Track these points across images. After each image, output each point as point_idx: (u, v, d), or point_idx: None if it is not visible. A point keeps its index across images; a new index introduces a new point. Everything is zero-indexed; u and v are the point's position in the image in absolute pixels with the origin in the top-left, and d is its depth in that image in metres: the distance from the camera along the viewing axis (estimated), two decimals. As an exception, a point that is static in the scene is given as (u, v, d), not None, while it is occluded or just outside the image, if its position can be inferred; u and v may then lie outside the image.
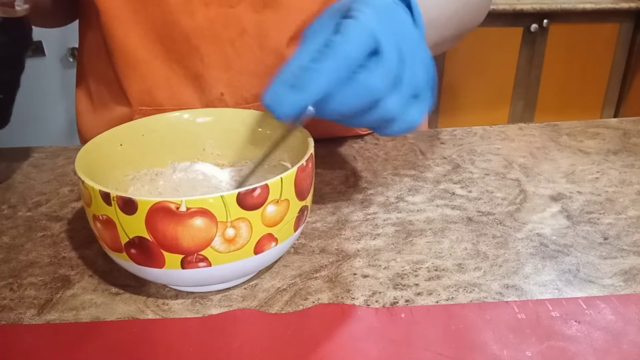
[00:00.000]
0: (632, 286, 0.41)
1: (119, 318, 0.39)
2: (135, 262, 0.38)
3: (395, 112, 0.40)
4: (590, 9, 1.88)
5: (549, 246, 0.46)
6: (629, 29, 1.97)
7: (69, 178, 0.59)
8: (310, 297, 0.41)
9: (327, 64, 0.36)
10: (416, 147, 0.64)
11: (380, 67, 0.37)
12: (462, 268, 0.44)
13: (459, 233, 0.48)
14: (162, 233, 0.36)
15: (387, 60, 0.38)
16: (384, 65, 0.38)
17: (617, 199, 0.53)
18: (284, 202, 0.38)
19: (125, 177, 0.47)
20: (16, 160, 0.63)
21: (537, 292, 0.41)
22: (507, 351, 0.36)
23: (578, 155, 0.61)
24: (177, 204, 0.35)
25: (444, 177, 0.57)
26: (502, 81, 2.01)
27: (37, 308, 0.41)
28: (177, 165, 0.49)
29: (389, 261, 0.45)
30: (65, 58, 1.85)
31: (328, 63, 0.36)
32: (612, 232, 0.48)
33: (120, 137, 0.46)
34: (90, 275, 0.44)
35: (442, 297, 0.41)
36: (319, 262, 0.45)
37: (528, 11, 1.87)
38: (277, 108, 0.37)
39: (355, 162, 0.61)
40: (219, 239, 0.36)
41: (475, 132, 0.67)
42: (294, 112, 0.37)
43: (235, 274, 0.40)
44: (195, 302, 0.41)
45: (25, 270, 0.45)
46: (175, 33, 0.56)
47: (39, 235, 0.49)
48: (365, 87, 0.37)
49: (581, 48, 1.97)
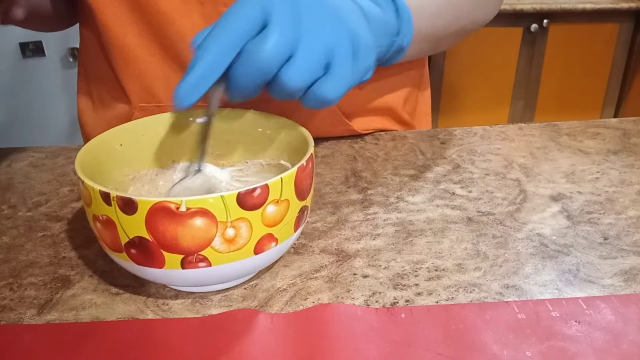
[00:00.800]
0: (632, 286, 0.41)
1: (119, 318, 0.39)
2: (135, 262, 0.38)
3: (295, 86, 0.38)
4: (590, 9, 1.88)
5: (549, 246, 0.46)
6: (629, 29, 1.97)
7: (69, 178, 0.59)
8: (310, 297, 0.41)
9: (211, 41, 0.36)
10: (416, 147, 0.64)
11: (270, 38, 0.36)
12: (462, 268, 0.44)
13: (459, 233, 0.48)
14: (162, 233, 0.36)
15: (275, 31, 0.36)
16: (272, 36, 0.36)
17: (617, 199, 0.53)
18: (284, 202, 0.38)
19: (125, 177, 0.47)
20: (16, 160, 0.63)
21: (537, 292, 0.41)
22: (507, 351, 0.36)
23: (578, 155, 0.61)
24: (177, 204, 0.35)
25: (444, 177, 0.57)
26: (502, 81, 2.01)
27: (37, 308, 0.41)
28: (177, 165, 0.49)
29: (389, 261, 0.45)
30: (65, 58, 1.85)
31: (212, 40, 0.36)
32: (612, 232, 0.48)
33: (120, 137, 0.46)
34: (90, 275, 0.44)
35: (442, 297, 0.41)
36: (319, 262, 0.45)
37: (528, 11, 1.87)
38: (176, 99, 0.36)
39: (355, 162, 0.61)
40: (219, 239, 0.36)
41: (475, 132, 0.67)
42: (189, 96, 0.36)
43: (235, 274, 0.40)
44: (195, 302, 0.41)
45: (25, 270, 0.45)
46: (172, 32, 0.56)
47: (39, 235, 0.49)
48: (253, 59, 0.36)
49: (581, 48, 1.97)
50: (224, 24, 0.37)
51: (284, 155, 0.47)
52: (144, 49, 0.58)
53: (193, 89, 0.37)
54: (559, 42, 1.95)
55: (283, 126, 0.47)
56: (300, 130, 0.45)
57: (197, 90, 0.37)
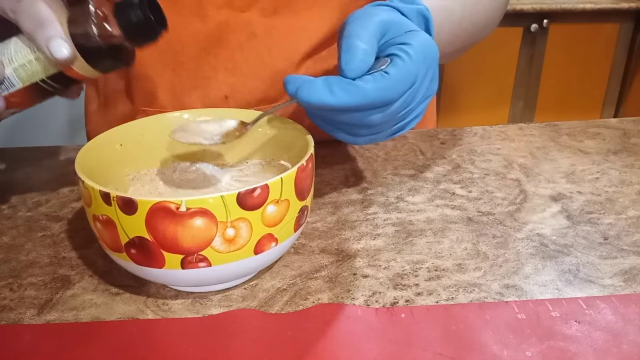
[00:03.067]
0: (632, 286, 0.41)
1: (119, 318, 0.39)
2: (135, 262, 0.38)
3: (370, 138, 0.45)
4: (590, 9, 1.88)
5: (549, 246, 0.46)
6: (629, 29, 1.96)
7: (69, 178, 0.59)
8: (310, 297, 0.41)
9: (365, 93, 0.39)
10: (416, 147, 0.64)
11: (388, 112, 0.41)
12: (462, 268, 0.44)
13: (459, 233, 0.48)
14: (162, 233, 0.36)
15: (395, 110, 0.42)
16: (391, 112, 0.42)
17: (617, 199, 0.53)
18: (284, 202, 0.38)
19: (125, 177, 0.47)
20: (16, 160, 0.63)
21: (537, 292, 0.41)
22: (507, 351, 0.36)
23: (578, 155, 0.61)
24: (177, 204, 0.35)
25: (444, 177, 0.57)
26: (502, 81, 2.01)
27: (37, 308, 0.41)
28: (177, 165, 0.49)
29: (389, 261, 0.45)
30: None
31: (365, 94, 0.39)
32: (612, 232, 0.48)
33: (120, 137, 0.46)
34: (90, 275, 0.44)
35: (442, 297, 0.41)
36: (319, 262, 0.45)
37: (528, 11, 1.87)
38: (303, 91, 0.40)
39: (355, 162, 0.61)
40: (219, 239, 0.36)
41: (475, 132, 0.67)
42: (309, 102, 0.40)
43: (235, 274, 0.40)
44: (195, 302, 0.41)
45: (25, 270, 0.45)
46: (185, 35, 0.56)
47: (39, 235, 0.49)
48: (364, 120, 0.41)
49: (581, 48, 1.97)
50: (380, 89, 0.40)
51: (284, 155, 0.47)
52: (151, 55, 0.58)
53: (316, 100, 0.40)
54: (559, 42, 1.95)
55: (283, 127, 0.47)
56: (300, 130, 0.45)
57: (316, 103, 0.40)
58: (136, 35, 0.42)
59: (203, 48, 0.57)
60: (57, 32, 0.40)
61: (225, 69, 0.58)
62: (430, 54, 0.43)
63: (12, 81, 0.43)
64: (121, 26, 0.41)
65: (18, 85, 0.43)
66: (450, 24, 0.53)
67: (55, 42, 0.40)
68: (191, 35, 0.56)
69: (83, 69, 0.42)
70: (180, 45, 0.57)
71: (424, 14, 0.46)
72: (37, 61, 0.42)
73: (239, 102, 0.59)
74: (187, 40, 0.57)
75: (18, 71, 0.42)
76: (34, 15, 0.40)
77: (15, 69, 0.42)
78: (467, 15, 0.55)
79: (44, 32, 0.40)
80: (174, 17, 0.56)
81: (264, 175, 0.48)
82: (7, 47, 0.43)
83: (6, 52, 0.42)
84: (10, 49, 0.43)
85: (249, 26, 0.56)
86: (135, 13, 0.41)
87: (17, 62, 0.42)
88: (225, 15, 0.56)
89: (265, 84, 0.58)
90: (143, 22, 0.41)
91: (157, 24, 0.42)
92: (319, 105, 0.40)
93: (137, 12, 0.41)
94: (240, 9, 0.56)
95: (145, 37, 0.42)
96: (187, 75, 0.59)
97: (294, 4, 0.56)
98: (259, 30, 0.57)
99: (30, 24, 0.40)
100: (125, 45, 0.42)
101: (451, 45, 0.55)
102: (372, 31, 0.41)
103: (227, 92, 0.59)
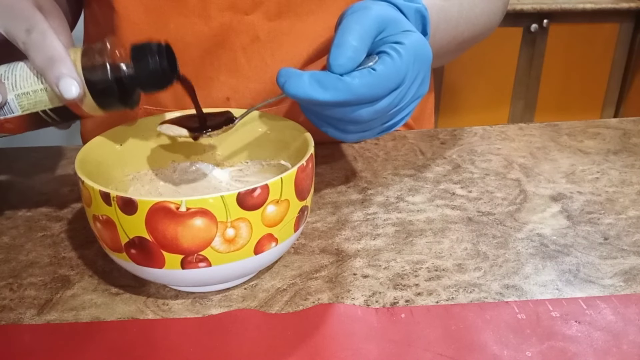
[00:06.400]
0: (632, 286, 0.41)
1: (119, 318, 0.39)
2: (135, 262, 0.38)
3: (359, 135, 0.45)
4: (590, 9, 1.88)
5: (549, 246, 0.46)
6: (629, 29, 1.96)
7: (69, 178, 0.59)
8: (310, 297, 0.41)
9: (350, 89, 0.39)
10: (416, 147, 0.64)
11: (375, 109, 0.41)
12: (462, 268, 0.44)
13: (459, 233, 0.48)
14: (162, 233, 0.36)
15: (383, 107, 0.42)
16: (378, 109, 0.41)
17: (617, 199, 0.53)
18: (284, 202, 0.38)
19: (125, 177, 0.47)
20: (16, 160, 0.63)
21: (537, 292, 0.41)
22: (507, 351, 0.36)
23: (578, 155, 0.61)
24: (177, 204, 0.35)
25: (444, 177, 0.57)
26: (502, 81, 2.01)
27: (37, 308, 0.41)
28: (177, 165, 0.49)
29: (389, 261, 0.45)
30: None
31: (351, 89, 0.39)
32: (612, 232, 0.48)
33: (120, 137, 0.46)
34: (90, 276, 0.44)
35: (442, 297, 0.41)
36: (319, 262, 0.45)
37: (528, 11, 1.86)
38: (289, 84, 0.39)
39: (355, 162, 0.61)
40: (219, 239, 0.36)
41: (475, 132, 0.67)
42: (296, 95, 0.39)
43: (235, 274, 0.40)
44: (195, 302, 0.41)
45: (25, 270, 0.45)
46: (188, 36, 0.56)
47: (39, 235, 0.49)
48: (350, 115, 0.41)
49: (581, 48, 1.97)
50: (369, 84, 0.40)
51: (284, 155, 0.47)
52: None
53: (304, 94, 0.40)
54: (559, 42, 1.95)
55: (283, 126, 0.47)
56: (300, 130, 0.45)
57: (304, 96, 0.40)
58: (150, 81, 0.40)
59: (206, 49, 0.57)
60: (69, 70, 0.38)
61: (227, 70, 0.58)
62: (422, 55, 0.43)
63: (11, 107, 0.41)
64: (137, 71, 0.40)
65: (17, 112, 0.41)
66: (447, 24, 0.53)
67: (66, 82, 0.38)
68: (194, 36, 0.56)
69: (89, 106, 0.41)
70: (183, 46, 0.57)
71: (422, 12, 0.46)
72: (42, 92, 0.40)
73: (240, 104, 0.59)
74: (190, 40, 0.56)
75: (20, 98, 0.41)
76: (45, 51, 0.39)
77: (18, 96, 0.40)
78: (463, 17, 0.55)
79: (55, 70, 0.38)
80: (177, 18, 0.56)
81: (264, 175, 0.48)
82: (12, 71, 0.41)
83: (10, 77, 0.41)
84: (15, 74, 0.41)
85: (252, 29, 0.56)
86: (154, 60, 0.39)
87: (20, 89, 0.40)
88: (229, 18, 0.56)
89: (267, 87, 0.58)
90: (160, 70, 0.40)
91: (172, 73, 0.41)
92: (305, 99, 0.39)
93: (155, 59, 0.39)
94: (244, 11, 0.56)
95: (158, 85, 0.41)
96: (189, 75, 0.59)
97: (298, 8, 0.56)
98: (263, 34, 0.57)
99: (42, 60, 0.39)
100: (137, 89, 0.41)
101: (446, 46, 0.55)
102: (366, 27, 0.41)
103: (228, 93, 0.59)
